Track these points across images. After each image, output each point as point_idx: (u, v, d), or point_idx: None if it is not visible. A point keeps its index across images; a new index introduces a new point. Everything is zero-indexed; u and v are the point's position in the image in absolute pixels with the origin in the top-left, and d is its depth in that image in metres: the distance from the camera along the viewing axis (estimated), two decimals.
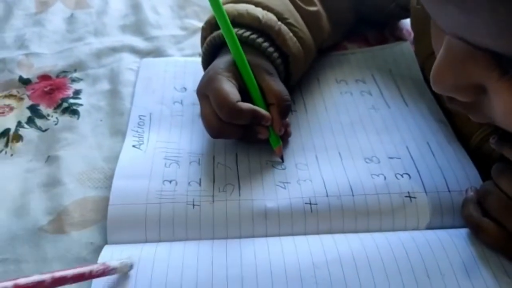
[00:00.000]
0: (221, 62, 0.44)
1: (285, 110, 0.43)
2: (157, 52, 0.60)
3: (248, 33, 0.45)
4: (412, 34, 0.57)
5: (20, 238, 0.39)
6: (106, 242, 0.39)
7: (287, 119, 0.45)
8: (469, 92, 0.30)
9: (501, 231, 0.36)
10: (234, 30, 0.44)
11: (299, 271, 0.35)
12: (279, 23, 0.46)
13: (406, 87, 0.53)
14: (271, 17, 0.46)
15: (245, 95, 0.43)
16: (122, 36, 0.63)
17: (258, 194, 0.41)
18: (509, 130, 0.31)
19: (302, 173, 0.43)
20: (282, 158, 0.44)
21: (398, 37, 0.63)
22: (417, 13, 0.52)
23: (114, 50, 0.60)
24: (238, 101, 0.41)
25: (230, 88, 0.41)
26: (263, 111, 0.42)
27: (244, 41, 0.45)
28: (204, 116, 0.43)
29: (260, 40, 0.45)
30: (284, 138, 0.45)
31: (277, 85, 0.43)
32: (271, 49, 0.46)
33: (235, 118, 0.41)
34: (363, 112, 0.49)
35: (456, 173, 0.42)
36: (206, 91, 0.42)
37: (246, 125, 0.42)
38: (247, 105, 0.41)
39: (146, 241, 0.39)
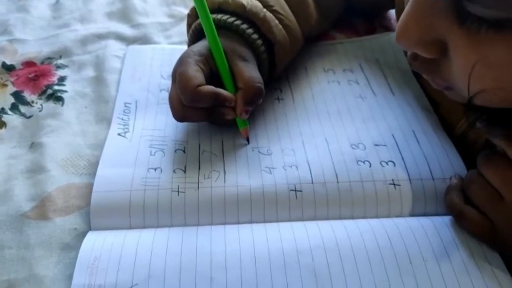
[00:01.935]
0: (197, 45, 0.45)
1: (250, 95, 0.42)
2: (143, 40, 0.60)
3: (232, 19, 0.45)
4: None
5: (3, 224, 0.38)
6: (90, 228, 0.38)
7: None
8: (432, 47, 0.31)
9: (483, 219, 0.36)
10: (219, 16, 0.44)
11: (282, 257, 0.35)
12: (264, 10, 0.46)
13: (393, 76, 0.53)
14: (256, 4, 0.46)
15: (218, 80, 0.43)
16: (108, 23, 0.62)
17: (243, 180, 0.41)
18: (462, 92, 0.31)
19: (288, 158, 0.43)
20: (248, 140, 0.44)
21: (386, 27, 0.63)
22: (401, 4, 0.52)
23: (100, 37, 0.59)
24: (199, 85, 0.41)
25: (193, 72, 0.41)
26: (225, 92, 0.42)
27: (228, 27, 0.45)
28: (169, 99, 0.43)
29: (244, 26, 0.45)
30: None
31: (248, 71, 0.43)
32: (255, 36, 0.45)
33: (195, 102, 0.41)
34: (350, 100, 0.50)
35: (440, 161, 0.42)
36: (175, 74, 0.42)
37: (210, 108, 0.42)
38: (208, 88, 0.41)
39: (130, 228, 0.38)
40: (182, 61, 0.43)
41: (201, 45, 0.44)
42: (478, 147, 0.42)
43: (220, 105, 0.42)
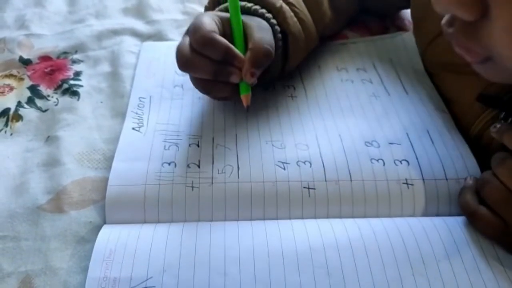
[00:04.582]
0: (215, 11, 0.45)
1: (259, 56, 0.42)
2: (158, 36, 0.60)
3: (251, 4, 0.45)
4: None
5: (20, 216, 0.39)
6: (104, 222, 0.39)
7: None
8: (473, 6, 0.29)
9: (497, 220, 0.36)
10: None
11: (296, 254, 0.36)
12: (281, 1, 0.46)
13: (407, 76, 0.53)
14: None
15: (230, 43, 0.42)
16: (124, 19, 0.63)
17: (257, 175, 0.41)
18: (504, 59, 0.29)
19: (302, 153, 0.43)
20: (247, 108, 0.44)
21: (399, 27, 0.63)
22: (417, 0, 0.52)
23: (115, 32, 0.60)
24: (214, 31, 0.40)
25: (209, 20, 0.41)
26: (237, 51, 0.41)
27: (247, 12, 0.45)
28: (178, 46, 0.42)
29: (263, 10, 0.45)
30: None
31: (259, 33, 0.42)
32: (274, 21, 0.45)
33: (207, 46, 0.40)
34: (363, 99, 0.50)
35: (454, 162, 0.42)
36: (189, 28, 0.42)
37: (217, 64, 0.41)
38: (221, 38, 0.41)
39: (144, 222, 0.39)
40: (198, 15, 0.43)
41: (218, 9, 0.45)
42: (494, 148, 0.42)
43: (229, 62, 0.41)
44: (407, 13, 0.64)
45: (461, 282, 0.35)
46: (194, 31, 0.40)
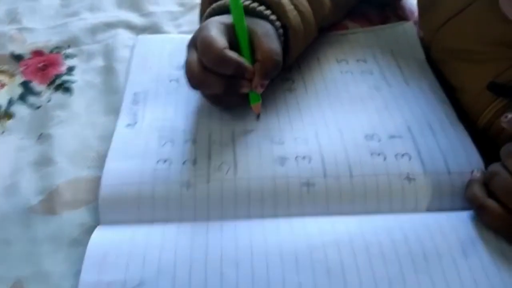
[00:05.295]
0: (217, 17, 0.44)
1: (268, 68, 0.42)
2: (153, 29, 0.59)
3: (248, 1, 0.44)
4: (416, 14, 0.56)
5: (10, 218, 0.38)
6: (98, 223, 0.38)
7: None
8: None
9: (505, 213, 0.35)
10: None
11: (295, 253, 0.35)
12: None
13: (408, 67, 0.52)
14: None
15: (235, 51, 0.42)
16: (118, 11, 0.62)
17: (254, 172, 0.40)
18: None
19: (301, 148, 0.42)
20: (258, 116, 0.44)
21: (400, 17, 0.62)
22: None
23: (109, 26, 0.59)
24: (225, 48, 0.40)
25: (218, 35, 0.40)
26: (247, 63, 0.41)
27: (245, 10, 0.44)
28: (187, 64, 0.42)
29: (261, 8, 0.44)
30: None
31: (267, 43, 0.42)
32: (273, 17, 0.44)
33: (219, 65, 0.40)
34: (363, 91, 0.48)
35: (457, 155, 0.41)
36: (195, 40, 0.41)
37: (228, 77, 0.41)
38: (233, 53, 0.40)
39: (139, 221, 0.38)
40: (203, 27, 0.42)
41: (222, 16, 0.44)
42: (503, 139, 0.41)
43: (239, 75, 0.41)
44: (408, 2, 0.63)
45: (464, 278, 0.34)
46: (205, 50, 0.40)
